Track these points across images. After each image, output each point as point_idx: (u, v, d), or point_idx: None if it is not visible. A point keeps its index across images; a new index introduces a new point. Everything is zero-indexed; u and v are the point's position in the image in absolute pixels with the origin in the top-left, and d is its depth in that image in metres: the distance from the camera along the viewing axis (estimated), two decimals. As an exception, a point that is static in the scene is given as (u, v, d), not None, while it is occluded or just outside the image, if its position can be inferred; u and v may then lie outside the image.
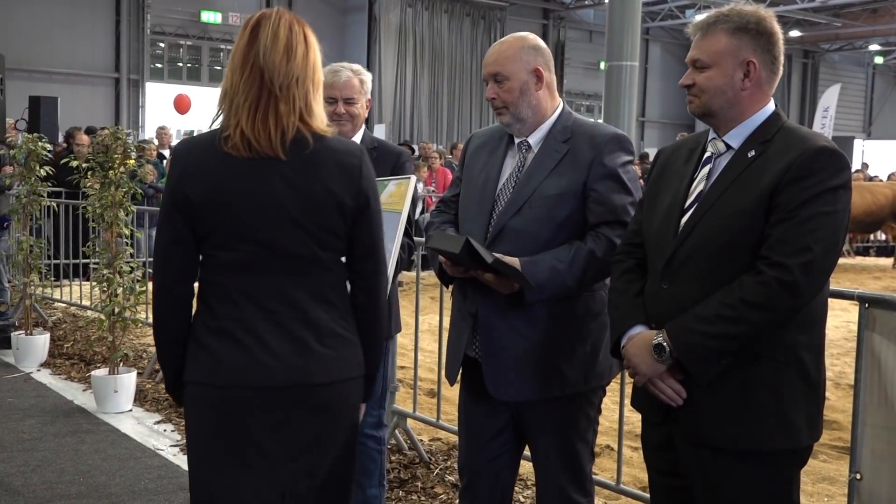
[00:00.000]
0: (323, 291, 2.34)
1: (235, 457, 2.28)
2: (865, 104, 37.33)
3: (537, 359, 2.83)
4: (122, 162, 5.85)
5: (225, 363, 2.26)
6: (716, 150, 2.47)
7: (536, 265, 2.75)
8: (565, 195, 2.82)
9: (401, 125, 25.71)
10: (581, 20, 29.96)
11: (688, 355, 2.32)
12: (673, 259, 2.44)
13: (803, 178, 2.26)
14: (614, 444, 4.23)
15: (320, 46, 2.43)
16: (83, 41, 21.69)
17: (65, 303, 9.19)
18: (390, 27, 25.39)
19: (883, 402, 2.93)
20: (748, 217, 2.31)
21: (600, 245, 2.77)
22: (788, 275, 2.23)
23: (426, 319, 7.43)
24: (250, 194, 2.26)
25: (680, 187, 2.50)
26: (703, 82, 2.43)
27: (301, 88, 2.33)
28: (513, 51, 2.89)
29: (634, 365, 2.44)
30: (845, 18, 30.10)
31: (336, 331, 2.34)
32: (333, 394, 2.33)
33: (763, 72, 2.42)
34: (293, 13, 2.43)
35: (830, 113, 23.57)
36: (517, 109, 2.89)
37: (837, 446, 5.53)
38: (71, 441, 5.26)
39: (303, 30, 2.39)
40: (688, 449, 2.45)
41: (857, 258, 18.32)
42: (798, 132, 2.39)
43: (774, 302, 2.24)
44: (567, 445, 2.88)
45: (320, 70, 2.41)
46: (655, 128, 31.53)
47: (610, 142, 2.85)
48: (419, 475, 4.68)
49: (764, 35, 2.41)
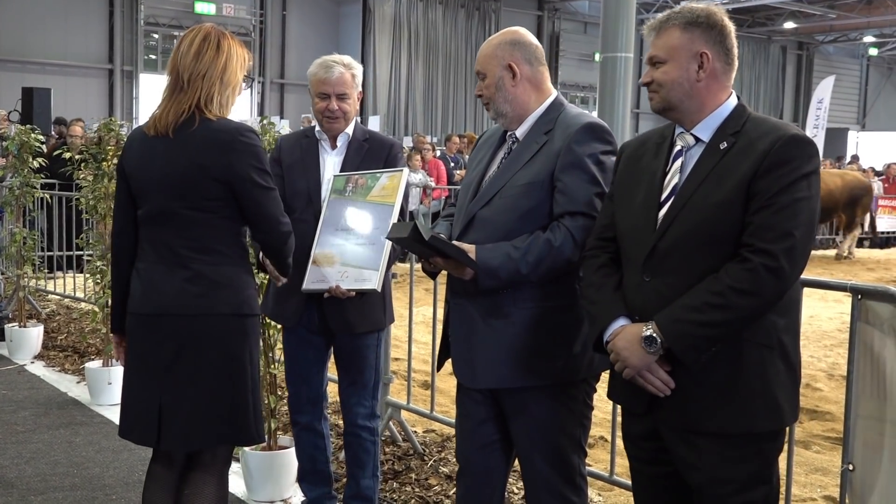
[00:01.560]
0: (201, 243, 2.90)
1: (131, 367, 3.01)
2: (860, 96, 37.36)
3: (503, 348, 2.84)
4: (116, 153, 5.84)
5: (133, 296, 2.98)
6: (685, 144, 2.53)
7: (491, 251, 2.77)
8: (533, 185, 2.83)
9: (395, 117, 25.68)
10: (576, 11, 29.92)
11: (679, 344, 2.36)
12: (654, 252, 2.47)
13: (780, 166, 2.33)
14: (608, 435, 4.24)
15: (245, 54, 3.03)
16: (77, 32, 21.63)
17: (58, 295, 9.17)
18: (385, 19, 25.34)
19: (875, 393, 2.93)
20: (727, 208, 2.37)
21: (557, 235, 2.75)
22: (774, 261, 2.29)
23: (420, 311, 7.42)
24: (146, 165, 2.94)
25: (653, 182, 2.54)
26: (660, 77, 2.50)
27: (205, 83, 2.91)
28: (490, 48, 2.97)
29: (624, 358, 2.46)
30: (840, 10, 30.08)
31: (207, 275, 2.89)
32: (196, 324, 2.89)
33: (717, 63, 2.48)
34: (219, 28, 3.03)
35: (825, 104, 23.60)
36: (496, 104, 2.96)
37: (830, 437, 5.54)
38: (65, 433, 5.26)
39: (217, 39, 2.96)
40: (675, 436, 2.49)
41: (850, 250, 18.34)
42: (767, 122, 2.46)
43: (761, 287, 2.30)
44: (547, 437, 2.88)
45: (234, 72, 2.97)
46: (650, 119, 31.52)
47: (581, 131, 2.83)
48: (413, 467, 4.69)
49: (715, 28, 2.48)
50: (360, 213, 3.41)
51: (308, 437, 3.87)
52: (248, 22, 24.36)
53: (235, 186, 2.86)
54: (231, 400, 2.94)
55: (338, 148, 3.70)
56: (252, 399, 2.98)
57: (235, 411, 2.95)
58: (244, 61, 3.01)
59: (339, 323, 3.62)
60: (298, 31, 24.73)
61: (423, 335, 7.13)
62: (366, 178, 3.49)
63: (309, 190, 3.63)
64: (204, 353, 2.91)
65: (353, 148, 3.69)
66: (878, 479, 2.92)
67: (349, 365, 3.77)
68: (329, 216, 3.50)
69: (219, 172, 2.84)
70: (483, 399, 2.98)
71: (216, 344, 2.91)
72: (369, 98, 24.92)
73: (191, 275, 2.89)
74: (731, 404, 2.39)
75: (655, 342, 2.39)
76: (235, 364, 2.94)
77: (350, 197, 3.48)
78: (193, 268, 2.89)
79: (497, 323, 2.85)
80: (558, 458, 2.90)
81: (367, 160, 3.65)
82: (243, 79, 3.05)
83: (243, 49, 3.03)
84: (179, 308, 2.89)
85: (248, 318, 2.97)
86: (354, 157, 3.67)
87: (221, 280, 2.90)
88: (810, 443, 5.44)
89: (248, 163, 2.87)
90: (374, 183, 3.46)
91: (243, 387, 2.96)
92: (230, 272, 2.93)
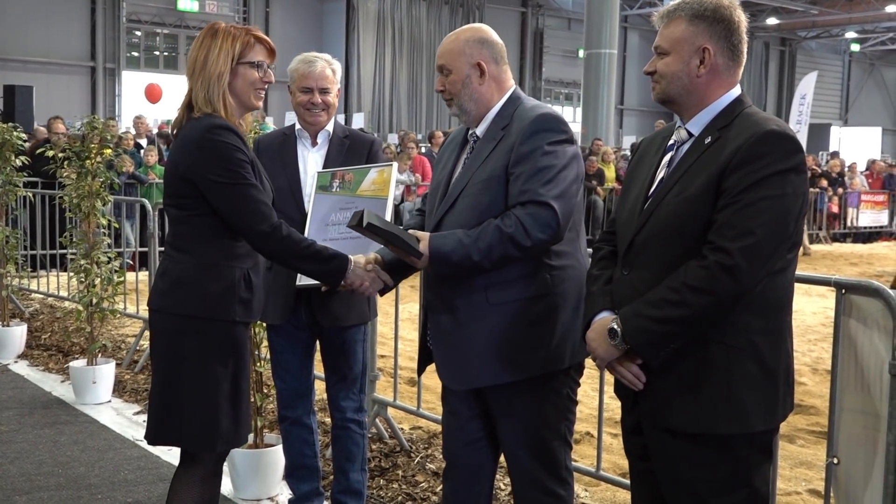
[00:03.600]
0: (177, 241, 2.94)
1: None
2: (842, 91, 37.57)
3: (481, 346, 2.84)
4: (99, 151, 5.81)
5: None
6: (679, 138, 2.51)
7: (443, 237, 2.79)
8: (490, 181, 2.83)
9: (380, 114, 25.67)
10: (559, 8, 29.96)
11: (636, 339, 2.36)
12: (631, 246, 2.48)
13: (749, 162, 2.27)
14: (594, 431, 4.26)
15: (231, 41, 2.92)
16: (58, 30, 21.51)
17: (42, 294, 9.12)
18: (369, 16, 25.32)
19: (859, 387, 2.95)
20: (695, 203, 2.33)
21: (507, 222, 2.74)
22: (729, 258, 2.24)
23: (406, 308, 7.42)
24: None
25: (647, 175, 2.54)
26: (662, 68, 2.47)
27: (193, 80, 2.92)
28: (458, 44, 2.94)
29: (593, 349, 2.49)
30: (822, 6, 30.26)
31: (173, 273, 2.91)
32: (158, 318, 2.94)
33: (720, 58, 2.43)
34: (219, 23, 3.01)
35: (807, 100, 23.73)
36: (460, 101, 2.95)
37: (815, 431, 5.57)
38: (49, 433, 5.23)
39: (203, 35, 2.97)
40: (651, 432, 2.49)
41: (833, 245, 18.47)
42: (753, 117, 2.38)
43: (715, 286, 2.25)
44: (531, 431, 2.89)
45: (214, 62, 2.90)
46: (634, 115, 31.61)
47: (534, 122, 2.82)
48: (400, 463, 4.69)
49: (721, 22, 2.42)
50: (351, 208, 3.41)
51: (297, 431, 3.87)
52: (232, 19, 24.28)
53: (199, 185, 2.84)
54: (165, 400, 2.92)
55: (318, 144, 3.71)
56: (198, 404, 2.88)
57: (169, 413, 2.91)
58: (230, 47, 2.91)
59: (328, 317, 3.64)
60: (282, 29, 24.68)
61: (409, 332, 7.13)
62: (353, 173, 3.49)
63: (290, 186, 3.64)
64: (154, 349, 2.96)
65: (334, 144, 3.70)
66: (862, 471, 2.94)
67: (337, 359, 3.78)
68: (316, 212, 3.51)
69: (184, 170, 2.86)
70: (468, 396, 2.99)
71: (162, 341, 2.93)
72: (354, 95, 24.91)
73: (162, 270, 2.96)
74: (694, 403, 2.36)
75: (617, 335, 2.39)
76: (177, 365, 2.89)
77: (338, 192, 3.48)
78: (165, 264, 2.96)
79: (474, 323, 2.84)
80: (543, 453, 2.90)
81: (349, 157, 3.68)
82: (254, 64, 2.93)
83: (230, 35, 2.92)
84: (151, 302, 2.98)
85: (201, 321, 2.86)
86: (337, 154, 3.68)
87: (184, 279, 2.88)
88: (795, 436, 5.47)
89: (210, 161, 2.83)
90: (362, 177, 3.46)
91: (182, 389, 2.88)
92: (195, 272, 2.88)
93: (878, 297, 2.88)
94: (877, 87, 38.56)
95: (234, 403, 2.95)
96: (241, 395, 2.98)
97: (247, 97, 2.95)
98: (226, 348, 2.91)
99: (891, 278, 11.88)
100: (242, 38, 2.93)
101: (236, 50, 2.91)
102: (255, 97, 2.98)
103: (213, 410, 2.89)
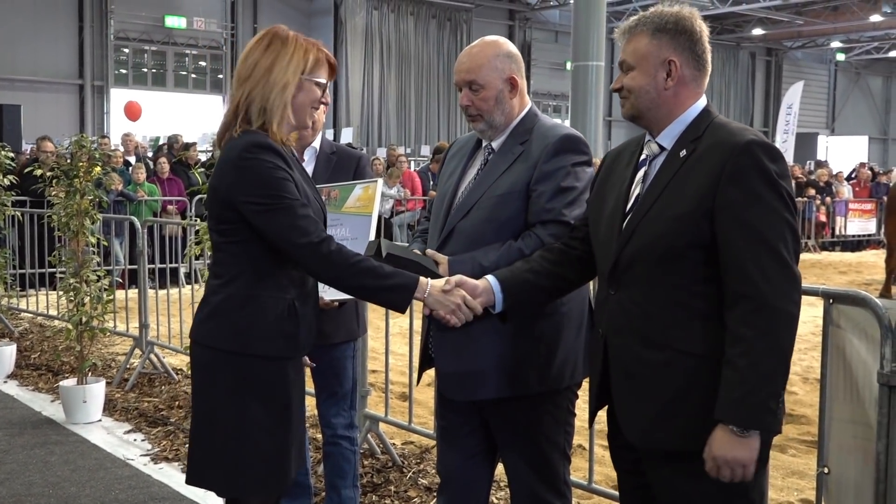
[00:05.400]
0: (218, 269, 2.69)
1: None
2: (828, 101, 37.73)
3: (486, 360, 2.85)
4: (88, 170, 5.80)
5: None
6: (650, 152, 2.50)
7: (462, 263, 2.78)
8: (509, 195, 2.83)
9: (369, 128, 25.65)
10: (547, 21, 30.05)
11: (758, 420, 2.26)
12: (617, 264, 2.46)
13: (741, 176, 2.27)
14: (586, 444, 4.26)
15: (306, 50, 2.69)
16: (46, 48, 21.45)
17: (31, 313, 9.08)
18: (356, 30, 25.33)
19: (849, 396, 2.96)
20: (685, 221, 2.32)
21: (529, 244, 2.77)
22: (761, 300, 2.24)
23: (397, 322, 7.41)
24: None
25: (621, 191, 2.53)
26: (629, 83, 2.47)
27: (252, 87, 2.64)
28: (487, 58, 2.88)
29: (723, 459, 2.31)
30: (807, 16, 30.40)
31: (211, 303, 2.66)
32: (194, 350, 2.73)
33: (686, 70, 2.43)
34: (285, 28, 2.74)
35: (794, 110, 23.85)
36: (492, 117, 2.91)
37: (806, 441, 5.59)
38: (39, 453, 5.21)
39: (270, 37, 2.69)
40: (643, 452, 2.47)
41: (822, 253, 18.53)
42: (725, 128, 2.38)
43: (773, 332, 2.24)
44: (533, 446, 2.89)
45: (283, 70, 2.64)
46: (622, 127, 31.66)
47: (558, 142, 2.84)
48: (392, 479, 4.68)
49: (684, 34, 2.42)
50: (337, 224, 3.41)
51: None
52: (220, 35, 24.30)
53: (239, 208, 2.58)
54: (198, 439, 2.70)
55: (305, 161, 3.71)
56: (230, 447, 2.62)
57: (202, 453, 2.68)
58: (303, 56, 2.67)
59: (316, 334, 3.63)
60: (270, 44, 24.64)
61: (400, 347, 7.12)
62: (338, 189, 3.50)
63: None
64: (192, 382, 2.76)
65: (321, 161, 3.71)
66: (853, 481, 2.95)
67: (326, 376, 3.77)
68: None
69: (224, 194, 2.61)
70: (466, 410, 2.98)
71: (197, 375, 2.71)
72: (342, 110, 24.91)
73: (203, 298, 2.71)
74: (679, 421, 2.35)
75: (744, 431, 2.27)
76: (210, 402, 2.66)
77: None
78: (206, 291, 2.71)
79: (480, 335, 2.84)
80: (543, 466, 2.91)
81: (337, 173, 3.68)
82: (319, 83, 2.72)
83: (302, 46, 2.68)
84: (190, 331, 2.75)
85: (236, 357, 2.62)
86: (324, 171, 3.68)
87: (220, 310, 2.63)
88: (786, 446, 5.47)
89: (249, 183, 2.56)
90: (347, 194, 3.47)
91: (216, 429, 2.64)
92: (232, 304, 2.63)
93: (865, 306, 2.89)
94: (863, 95, 38.75)
95: (276, 448, 2.67)
96: (282, 439, 2.68)
97: (303, 115, 2.73)
98: (264, 387, 2.64)
99: (879, 287, 11.93)
100: (315, 52, 2.71)
101: (308, 63, 2.68)
102: (310, 116, 2.78)
103: (247, 455, 2.63)
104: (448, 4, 27.09)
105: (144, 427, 5.66)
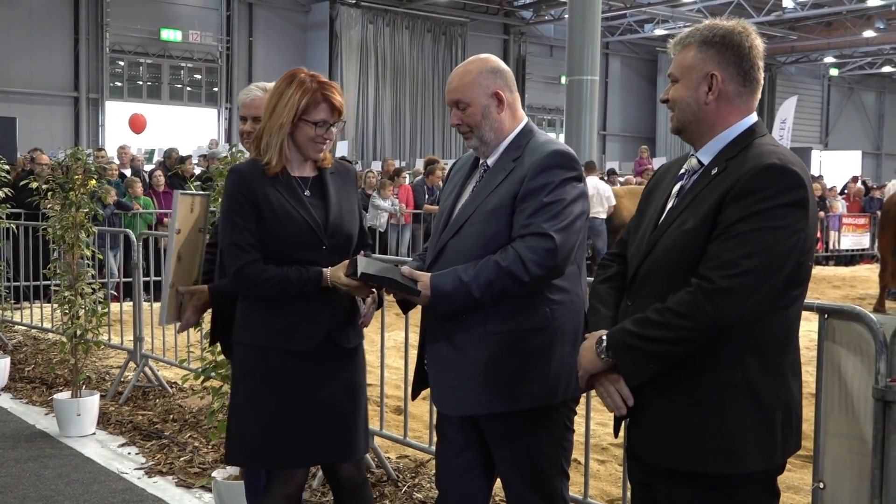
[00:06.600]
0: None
1: None
2: (822, 115, 37.89)
3: (478, 374, 2.85)
4: (84, 183, 5.80)
5: None
6: (690, 167, 2.47)
7: (443, 276, 2.80)
8: (497, 211, 2.85)
9: (363, 142, 25.70)
10: (541, 35, 30.16)
11: (617, 351, 2.34)
12: (635, 276, 2.47)
13: (744, 196, 2.24)
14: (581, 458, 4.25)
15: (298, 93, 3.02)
16: (42, 60, 21.48)
17: (25, 325, 9.06)
18: (352, 44, 25.40)
19: (843, 411, 2.97)
20: (694, 235, 2.31)
21: (506, 256, 2.77)
22: (710, 285, 2.21)
23: (392, 336, 7.41)
24: None
25: (658, 205, 2.51)
26: (673, 95, 2.46)
27: (263, 123, 3.08)
28: (471, 76, 2.93)
29: (578, 360, 2.48)
30: (801, 31, 30.56)
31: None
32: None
33: (729, 85, 2.39)
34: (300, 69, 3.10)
35: (788, 124, 23.93)
36: (481, 132, 2.94)
37: (801, 455, 5.54)
38: (33, 466, 5.19)
39: (281, 80, 3.08)
40: (650, 469, 2.47)
41: (816, 267, 18.57)
42: (759, 148, 2.33)
43: (695, 311, 2.22)
44: (529, 461, 2.89)
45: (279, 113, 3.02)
46: (617, 141, 31.76)
47: (546, 158, 2.85)
48: (387, 493, 4.67)
49: (731, 48, 2.37)
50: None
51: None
52: (215, 49, 24.35)
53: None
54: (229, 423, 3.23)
55: None
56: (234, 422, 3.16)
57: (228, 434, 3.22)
58: (296, 101, 3.01)
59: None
60: (265, 58, 24.73)
61: (394, 360, 7.11)
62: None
63: None
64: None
65: None
66: (848, 496, 2.95)
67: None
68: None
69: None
70: (463, 425, 2.99)
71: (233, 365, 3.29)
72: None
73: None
74: (684, 440, 2.33)
75: (602, 343, 2.38)
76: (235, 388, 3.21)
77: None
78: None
79: (472, 350, 2.85)
80: (540, 482, 2.90)
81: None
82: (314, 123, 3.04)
83: (301, 88, 3.02)
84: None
85: (247, 348, 3.14)
86: None
87: (242, 311, 3.17)
88: (781, 461, 5.47)
89: (223, 202, 3.11)
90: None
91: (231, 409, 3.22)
92: (244, 302, 3.17)
93: (860, 321, 2.90)
94: (856, 110, 38.92)
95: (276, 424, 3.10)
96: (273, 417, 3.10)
97: (306, 150, 3.09)
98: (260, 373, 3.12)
99: (873, 301, 11.96)
100: (311, 94, 3.02)
101: (301, 105, 3.01)
102: (314, 150, 3.10)
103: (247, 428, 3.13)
104: (443, 18, 27.20)
105: (139, 440, 5.65)
